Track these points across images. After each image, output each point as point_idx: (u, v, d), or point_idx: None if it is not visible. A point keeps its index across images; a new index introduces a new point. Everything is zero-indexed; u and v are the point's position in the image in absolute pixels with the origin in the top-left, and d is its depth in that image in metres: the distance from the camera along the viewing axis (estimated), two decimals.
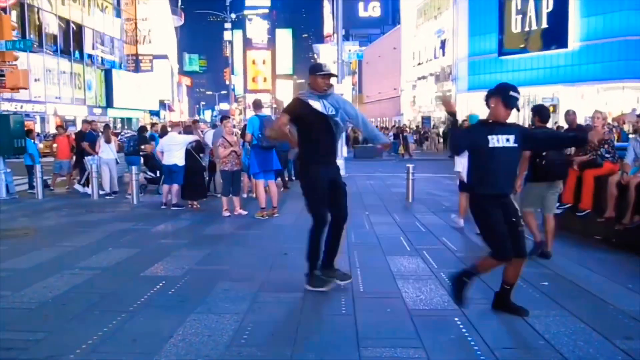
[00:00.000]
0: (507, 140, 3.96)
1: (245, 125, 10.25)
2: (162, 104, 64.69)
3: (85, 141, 12.59)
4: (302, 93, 4.88)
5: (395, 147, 28.68)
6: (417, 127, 41.63)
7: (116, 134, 18.20)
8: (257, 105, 9.35)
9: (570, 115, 9.12)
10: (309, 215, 4.74)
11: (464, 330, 3.88)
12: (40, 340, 3.69)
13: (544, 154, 6.10)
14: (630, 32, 36.22)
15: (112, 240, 7.14)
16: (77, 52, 43.25)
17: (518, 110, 4.08)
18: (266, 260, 5.94)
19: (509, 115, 4.06)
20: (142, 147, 12.05)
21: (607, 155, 7.59)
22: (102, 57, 48.32)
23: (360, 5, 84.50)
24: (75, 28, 43.18)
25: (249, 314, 4.20)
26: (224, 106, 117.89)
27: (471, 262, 5.84)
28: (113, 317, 4.12)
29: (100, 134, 12.95)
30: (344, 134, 18.76)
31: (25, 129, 12.41)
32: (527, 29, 41.24)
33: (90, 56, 45.46)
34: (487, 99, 4.13)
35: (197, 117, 67.96)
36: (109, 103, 48.27)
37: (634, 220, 6.67)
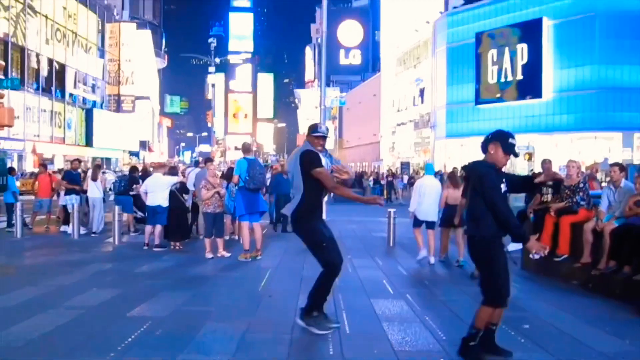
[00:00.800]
0: (506, 186, 4.18)
1: (230, 168, 10.39)
2: (142, 145, 64.60)
3: (64, 179, 12.59)
4: (310, 148, 4.95)
5: (376, 192, 28.83)
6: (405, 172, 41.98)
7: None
8: (247, 149, 9.51)
9: (546, 164, 9.48)
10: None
11: None
12: None
13: None
14: (601, 84, 37.71)
15: (96, 280, 7.11)
16: (58, 90, 43.29)
17: (516, 156, 4.31)
18: (252, 301, 5.98)
19: (507, 161, 4.26)
20: (133, 187, 12.05)
21: (582, 203, 7.90)
22: (83, 97, 48.40)
23: (342, 52, 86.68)
24: (58, 67, 43.36)
25: (238, 354, 4.24)
26: (204, 148, 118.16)
27: (454, 304, 6.01)
28: (101, 357, 4.12)
29: (81, 173, 13.00)
30: None
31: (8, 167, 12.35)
32: (502, 79, 42.65)
33: (71, 95, 45.50)
34: (485, 144, 4.29)
35: (175, 160, 68.01)
36: (89, 142, 48.10)
37: (609, 265, 6.88)
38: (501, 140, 4.15)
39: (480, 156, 4.38)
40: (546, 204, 8.48)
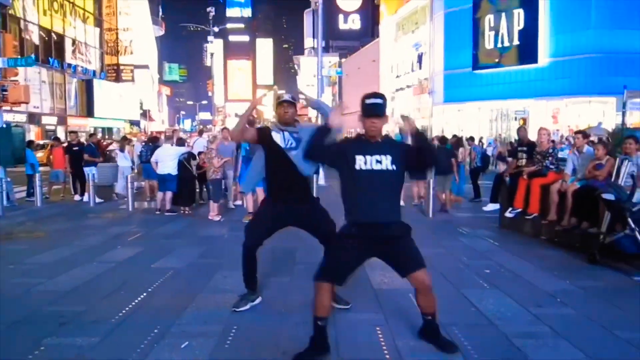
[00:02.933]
0: (379, 162, 3.59)
1: None
2: (143, 114, 65.16)
3: (86, 153, 13.44)
4: (272, 124, 4.81)
5: None
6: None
7: (106, 145, 19.06)
8: (251, 122, 10.37)
9: (521, 131, 10.36)
10: None
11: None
12: (83, 311, 4.67)
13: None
14: (596, 49, 38.08)
15: (119, 240, 8.08)
16: (58, 61, 43.71)
17: (371, 116, 3.60)
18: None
19: (374, 125, 3.61)
20: None
21: (552, 167, 8.78)
22: (82, 67, 48.77)
23: (340, 17, 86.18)
24: (56, 38, 43.67)
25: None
26: (204, 116, 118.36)
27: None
28: (136, 296, 5.11)
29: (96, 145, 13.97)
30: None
31: (27, 140, 13.20)
32: (499, 45, 42.97)
33: (70, 65, 45.89)
34: None
35: (176, 127, 68.49)
36: (90, 113, 48.70)
37: (571, 222, 7.82)
38: (360, 105, 3.64)
39: (476, 121, 4.81)
40: (520, 167, 9.39)
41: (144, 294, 5.17)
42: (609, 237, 6.58)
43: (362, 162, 3.51)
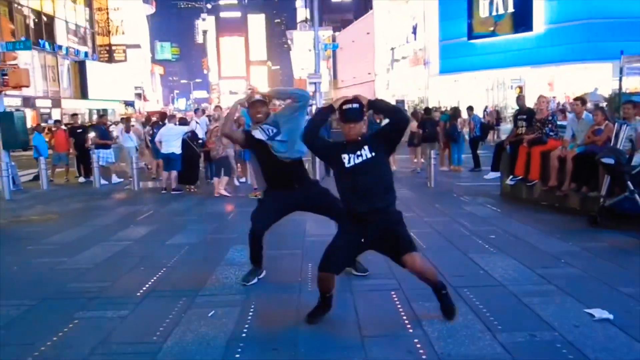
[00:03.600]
0: (359, 155, 3.79)
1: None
2: (137, 95, 64.81)
3: (96, 136, 13.47)
4: (251, 127, 5.02)
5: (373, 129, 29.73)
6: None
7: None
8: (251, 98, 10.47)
9: (520, 99, 10.51)
10: None
11: None
12: (108, 286, 4.87)
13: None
14: (592, 15, 37.90)
15: (130, 219, 8.26)
16: (49, 44, 43.29)
17: (347, 121, 3.78)
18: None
19: (353, 130, 3.80)
20: None
21: (551, 134, 8.93)
22: (75, 49, 48.32)
23: None
24: (46, 19, 43.20)
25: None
26: (199, 94, 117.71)
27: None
28: (156, 271, 5.30)
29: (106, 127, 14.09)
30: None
31: (35, 124, 13.24)
32: (494, 13, 42.70)
33: (61, 47, 45.42)
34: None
35: (170, 107, 68.25)
36: (84, 94, 48.44)
37: (571, 187, 8.02)
38: (338, 112, 3.85)
39: (471, 90, 4.92)
40: (520, 135, 9.54)
41: (164, 269, 5.36)
42: (609, 200, 6.79)
43: (346, 160, 3.77)
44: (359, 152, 3.75)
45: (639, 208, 6.29)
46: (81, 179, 13.78)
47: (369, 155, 3.73)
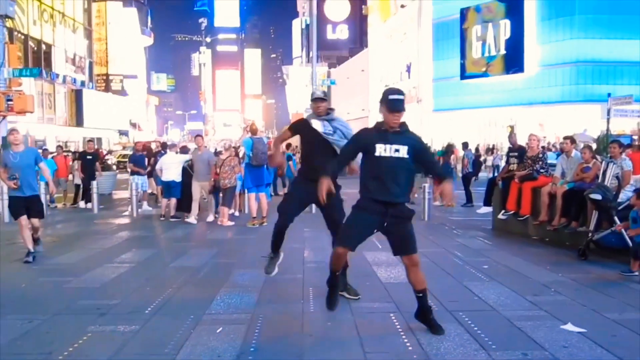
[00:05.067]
0: (397, 150, 4.03)
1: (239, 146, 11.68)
2: (132, 124, 65.26)
3: (130, 162, 13.48)
4: (308, 115, 5.45)
5: None
6: None
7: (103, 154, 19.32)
8: (253, 130, 10.80)
9: (512, 137, 10.91)
10: (295, 224, 5.36)
11: None
12: (117, 303, 5.05)
13: None
14: (581, 58, 39.06)
15: (132, 243, 8.44)
16: (47, 71, 43.76)
17: (396, 111, 4.02)
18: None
19: (398, 118, 4.04)
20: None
21: (542, 170, 9.29)
22: (72, 77, 48.85)
23: (329, 27, 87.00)
24: (45, 47, 43.79)
25: (265, 287, 5.61)
26: (194, 125, 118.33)
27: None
28: (163, 290, 5.49)
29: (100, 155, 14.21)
30: None
31: (40, 150, 13.38)
32: (486, 54, 43.85)
33: (58, 75, 45.84)
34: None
35: (162, 139, 68.49)
36: (80, 122, 48.75)
37: (561, 222, 8.31)
38: (383, 100, 4.07)
39: (464, 128, 5.35)
40: (512, 172, 9.89)
41: (170, 289, 5.55)
42: (597, 234, 7.08)
43: (382, 149, 4.00)
44: (397, 147, 4.00)
45: (624, 242, 6.57)
46: (82, 204, 13.87)
47: (406, 156, 4.00)
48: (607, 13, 37.81)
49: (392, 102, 4.00)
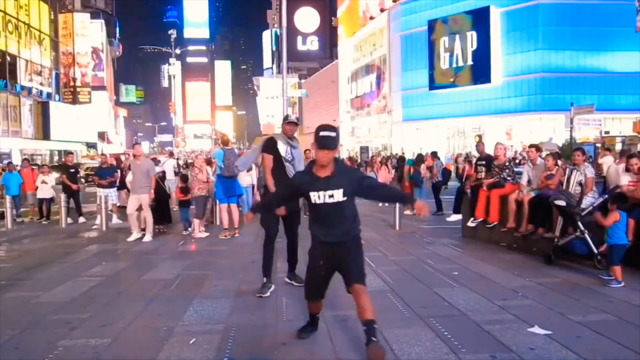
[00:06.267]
0: (331, 196, 3.92)
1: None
2: (100, 136, 64.30)
3: (97, 176, 13.13)
4: (277, 134, 6.06)
5: None
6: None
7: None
8: (225, 141, 10.81)
9: (480, 146, 11.14)
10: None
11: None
12: (88, 317, 5.00)
13: None
14: (545, 69, 40.15)
15: (102, 257, 8.32)
16: (12, 83, 42.86)
17: (327, 148, 3.84)
18: (239, 267, 7.34)
19: (328, 155, 3.87)
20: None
21: (509, 178, 9.51)
22: (38, 89, 47.94)
23: (299, 39, 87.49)
24: (10, 59, 42.92)
25: (237, 299, 5.61)
26: (163, 137, 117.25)
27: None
28: (136, 303, 5.46)
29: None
30: None
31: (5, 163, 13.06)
32: (454, 65, 44.71)
33: (23, 87, 44.99)
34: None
35: (130, 152, 67.46)
36: (46, 135, 47.81)
37: (528, 228, 8.52)
38: (315, 136, 3.90)
39: (434, 139, 5.53)
40: (480, 180, 10.10)
41: (142, 301, 5.51)
42: (562, 240, 7.29)
43: (316, 197, 3.93)
44: (331, 193, 3.88)
45: (588, 247, 6.79)
46: (82, 220, 13.35)
47: (342, 199, 3.89)
48: (569, 25, 39.03)
49: (322, 139, 3.86)
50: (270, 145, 5.87)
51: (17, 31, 44.37)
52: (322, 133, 3.87)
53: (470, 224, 9.94)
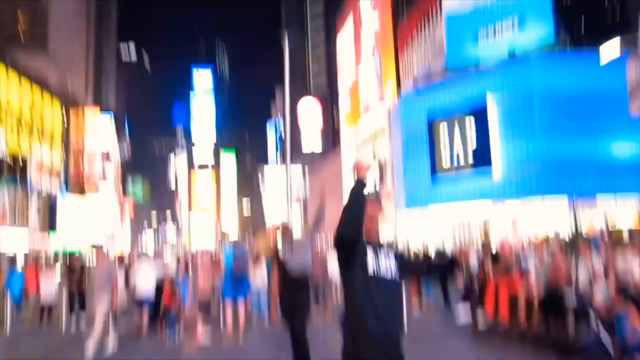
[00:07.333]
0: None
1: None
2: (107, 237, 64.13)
3: None
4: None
5: None
6: None
7: None
8: (236, 242, 10.87)
9: (486, 246, 11.18)
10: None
11: None
12: None
13: None
14: (544, 156, 40.50)
15: None
16: (22, 183, 43.34)
17: None
18: None
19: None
20: None
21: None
22: (47, 188, 48.29)
23: (302, 138, 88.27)
24: (22, 159, 43.73)
25: None
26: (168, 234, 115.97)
27: None
28: None
29: None
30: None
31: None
32: (455, 164, 45.20)
33: (33, 187, 45.40)
34: None
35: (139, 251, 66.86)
36: (52, 227, 47.91)
37: (540, 326, 8.35)
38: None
39: (439, 231, 5.39)
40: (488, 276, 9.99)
41: None
42: (577, 339, 7.14)
43: (370, 265, 3.50)
44: (386, 264, 3.21)
45: (604, 348, 6.63)
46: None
47: (396, 276, 3.22)
48: (565, 110, 39.76)
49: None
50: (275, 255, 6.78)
51: (31, 135, 45.44)
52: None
53: (481, 326, 9.77)
